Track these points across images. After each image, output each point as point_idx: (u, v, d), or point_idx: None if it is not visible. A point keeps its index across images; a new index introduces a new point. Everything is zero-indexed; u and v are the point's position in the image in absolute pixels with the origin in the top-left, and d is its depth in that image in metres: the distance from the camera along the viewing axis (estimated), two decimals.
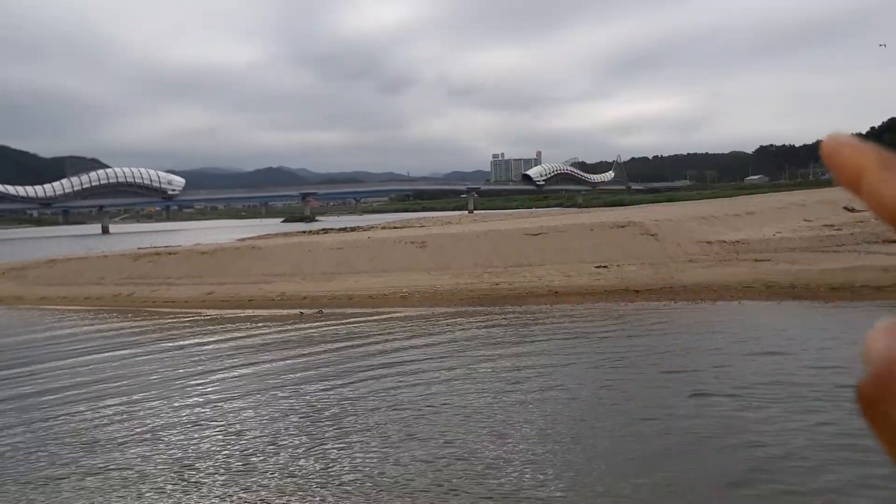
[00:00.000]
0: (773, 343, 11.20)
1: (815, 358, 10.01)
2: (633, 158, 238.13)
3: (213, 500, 6.43)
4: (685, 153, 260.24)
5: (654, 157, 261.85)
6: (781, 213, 31.68)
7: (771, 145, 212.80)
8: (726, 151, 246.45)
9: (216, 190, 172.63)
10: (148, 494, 6.62)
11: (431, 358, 11.54)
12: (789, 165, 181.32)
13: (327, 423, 8.43)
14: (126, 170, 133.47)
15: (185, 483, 6.83)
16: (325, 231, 46.79)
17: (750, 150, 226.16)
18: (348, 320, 15.76)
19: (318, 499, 6.34)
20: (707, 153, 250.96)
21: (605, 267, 19.84)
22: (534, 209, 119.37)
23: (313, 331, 14.75)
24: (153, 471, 7.17)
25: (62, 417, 9.23)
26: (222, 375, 11.19)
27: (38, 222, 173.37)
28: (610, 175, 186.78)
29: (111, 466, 7.37)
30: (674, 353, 11.03)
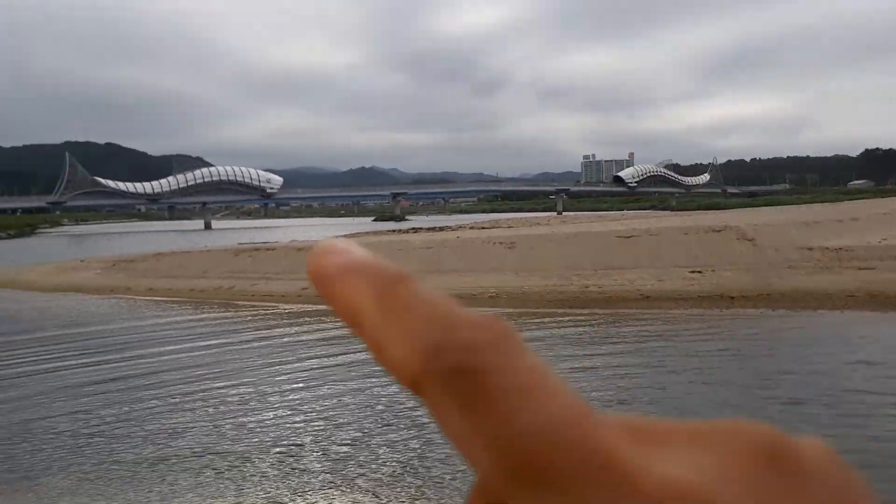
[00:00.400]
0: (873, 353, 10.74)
1: None
2: (729, 161, 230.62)
3: (314, 482, 6.74)
4: (785, 156, 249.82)
5: (751, 159, 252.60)
6: (888, 219, 30.08)
7: (877, 149, 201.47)
8: (829, 155, 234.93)
9: (311, 189, 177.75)
10: (252, 477, 7.00)
11: None
12: None
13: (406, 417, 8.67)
14: (228, 168, 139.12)
15: (287, 467, 7.18)
16: (415, 230, 47.46)
17: (854, 153, 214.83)
18: None
19: (409, 489, 6.55)
20: (808, 156, 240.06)
21: (699, 272, 19.39)
22: (625, 211, 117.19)
23: None
24: (255, 454, 7.57)
25: (169, 398, 9.82)
26: (315, 363, 11.62)
27: (146, 217, 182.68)
28: (705, 178, 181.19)
29: (216, 450, 7.82)
30: (769, 360, 10.73)
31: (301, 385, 10.49)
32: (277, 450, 7.68)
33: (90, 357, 13.18)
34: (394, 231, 51.39)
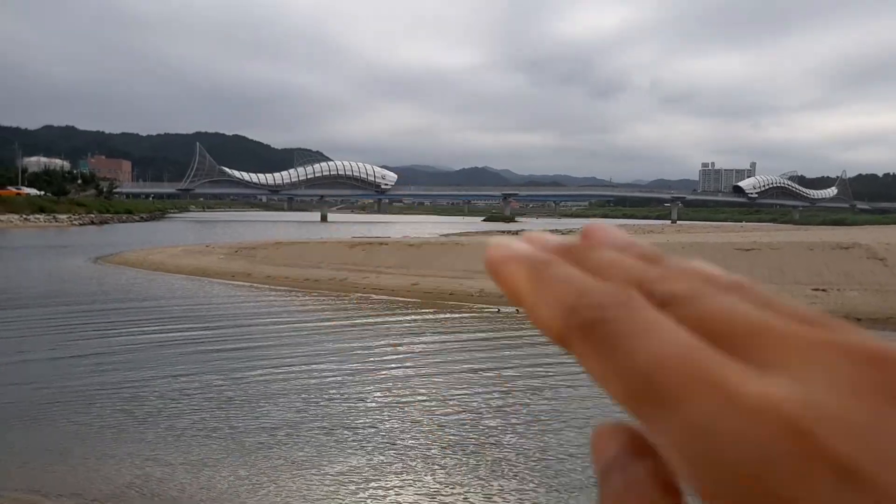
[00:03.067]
0: None
1: None
2: (859, 175, 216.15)
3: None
4: None
5: (884, 174, 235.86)
6: None
7: None
8: None
9: (424, 187, 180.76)
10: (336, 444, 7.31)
11: None
12: None
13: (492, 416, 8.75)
14: (345, 163, 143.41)
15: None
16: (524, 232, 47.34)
17: None
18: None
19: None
20: None
21: (823, 290, 18.48)
22: (744, 223, 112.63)
23: (506, 327, 15.22)
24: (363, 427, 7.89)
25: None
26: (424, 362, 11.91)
27: (266, 207, 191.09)
28: (832, 191, 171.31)
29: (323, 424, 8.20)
30: None
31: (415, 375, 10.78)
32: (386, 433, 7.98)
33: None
34: (503, 232, 51.50)
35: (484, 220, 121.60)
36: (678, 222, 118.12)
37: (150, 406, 9.07)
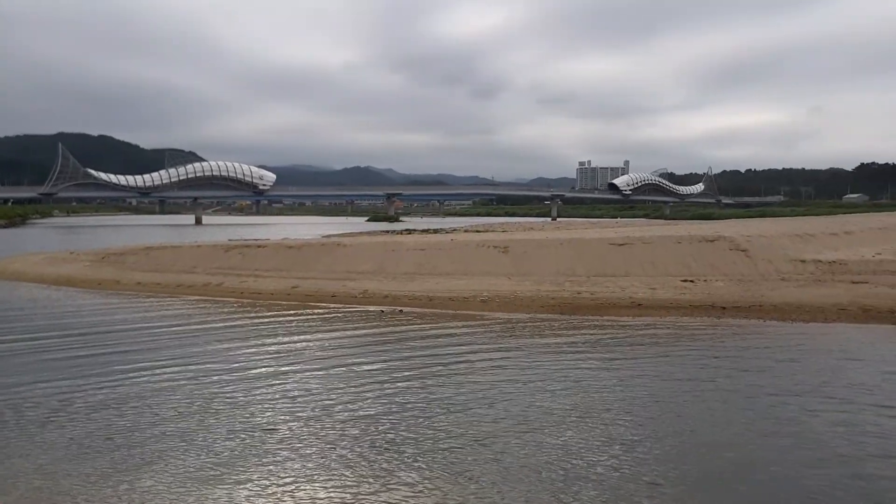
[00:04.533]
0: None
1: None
2: (724, 171, 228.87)
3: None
4: (780, 168, 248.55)
5: (746, 170, 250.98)
6: (883, 233, 30.17)
7: (873, 163, 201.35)
8: (824, 168, 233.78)
9: (305, 187, 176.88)
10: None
11: (506, 361, 11.51)
12: (892, 185, 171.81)
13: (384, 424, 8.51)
14: (220, 163, 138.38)
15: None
16: (409, 232, 47.33)
17: (850, 167, 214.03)
18: (427, 321, 15.89)
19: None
20: (803, 169, 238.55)
21: (691, 281, 19.33)
22: (619, 219, 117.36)
23: (390, 329, 14.95)
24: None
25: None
26: (302, 368, 11.45)
27: (137, 210, 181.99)
28: (699, 187, 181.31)
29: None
30: (745, 372, 10.63)
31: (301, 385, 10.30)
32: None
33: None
34: (387, 232, 51.23)
35: (368, 221, 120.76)
36: (558, 219, 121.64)
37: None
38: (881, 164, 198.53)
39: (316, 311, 17.84)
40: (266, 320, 16.51)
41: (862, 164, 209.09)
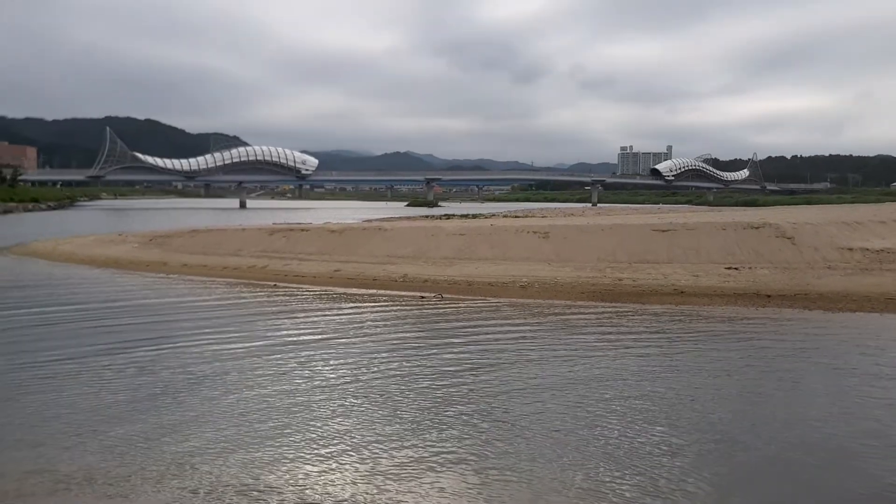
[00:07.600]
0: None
1: None
2: (769, 157, 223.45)
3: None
4: (826, 154, 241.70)
5: (792, 157, 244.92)
6: None
7: None
8: (872, 154, 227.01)
9: (346, 172, 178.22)
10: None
11: (545, 350, 11.57)
12: None
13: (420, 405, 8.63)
14: (264, 148, 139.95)
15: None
16: (448, 217, 47.40)
17: None
18: (466, 305, 15.99)
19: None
20: (851, 155, 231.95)
21: (735, 269, 19.08)
22: (661, 205, 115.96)
23: (431, 312, 15.09)
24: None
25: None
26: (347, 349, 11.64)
27: (182, 194, 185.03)
28: (744, 173, 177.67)
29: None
30: (786, 358, 10.52)
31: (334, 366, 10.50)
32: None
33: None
34: (426, 217, 51.41)
35: (407, 206, 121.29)
36: (599, 205, 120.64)
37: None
38: None
39: (357, 294, 18.08)
40: (311, 306, 16.78)
41: None
